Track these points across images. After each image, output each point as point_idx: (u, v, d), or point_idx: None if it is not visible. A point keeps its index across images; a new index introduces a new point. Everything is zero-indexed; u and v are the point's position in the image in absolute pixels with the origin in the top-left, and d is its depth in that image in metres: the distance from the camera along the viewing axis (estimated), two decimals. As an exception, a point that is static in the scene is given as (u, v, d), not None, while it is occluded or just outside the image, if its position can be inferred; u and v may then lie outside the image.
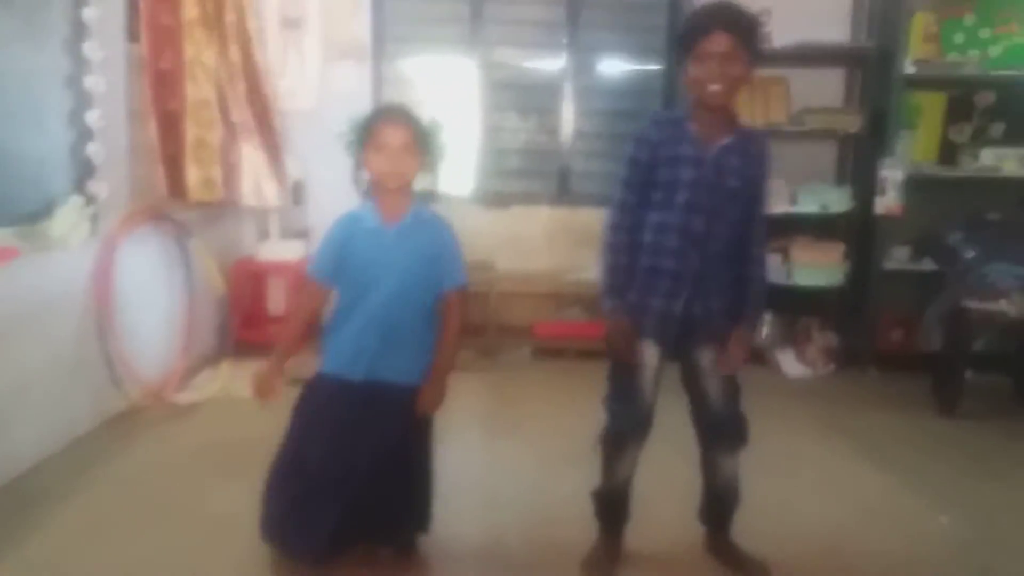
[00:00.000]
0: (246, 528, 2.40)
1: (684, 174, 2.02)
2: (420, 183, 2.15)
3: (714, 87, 1.96)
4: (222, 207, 4.19)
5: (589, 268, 4.72)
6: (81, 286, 3.14)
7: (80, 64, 2.98)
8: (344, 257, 2.08)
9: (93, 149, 3.06)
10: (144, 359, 3.55)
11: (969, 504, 2.80)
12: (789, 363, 4.40)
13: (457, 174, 4.90)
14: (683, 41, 2.02)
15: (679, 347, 2.14)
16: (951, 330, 3.90)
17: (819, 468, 3.09)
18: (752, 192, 2.08)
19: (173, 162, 3.78)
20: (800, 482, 2.81)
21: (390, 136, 2.01)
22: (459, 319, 2.17)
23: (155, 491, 2.75)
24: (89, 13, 2.98)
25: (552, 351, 4.59)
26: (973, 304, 3.70)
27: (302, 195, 4.52)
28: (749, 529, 2.33)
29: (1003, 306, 3.63)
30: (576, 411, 3.55)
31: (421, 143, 2.06)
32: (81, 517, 2.54)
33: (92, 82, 3.03)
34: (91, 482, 2.77)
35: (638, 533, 2.35)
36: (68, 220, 2.94)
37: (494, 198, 4.90)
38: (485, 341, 4.54)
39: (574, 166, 4.95)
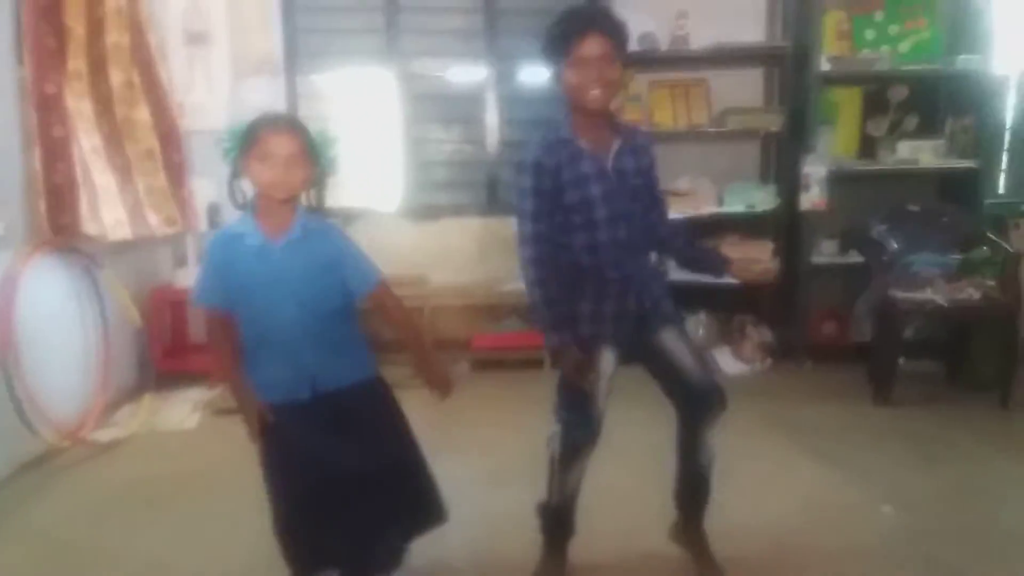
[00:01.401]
0: (180, 571, 2.30)
1: (593, 191, 2.02)
2: (308, 198, 2.03)
3: (595, 92, 1.95)
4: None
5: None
6: (-20, 326, 2.92)
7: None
8: (229, 279, 1.94)
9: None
10: (59, 398, 3.34)
11: (910, 493, 2.82)
12: (726, 361, 4.41)
13: (382, 189, 4.80)
14: (555, 45, 1.97)
15: (636, 343, 2.12)
16: (881, 320, 3.97)
17: (760, 465, 3.07)
18: (650, 180, 2.15)
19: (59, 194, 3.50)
20: (742, 479, 2.76)
21: (277, 145, 1.87)
22: (399, 308, 2.08)
23: (78, 539, 2.57)
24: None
25: (491, 363, 4.51)
26: (900, 294, 3.76)
27: (218, 217, 4.33)
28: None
29: (929, 294, 3.70)
30: (516, 423, 3.54)
31: (310, 153, 1.94)
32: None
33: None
34: (8, 534, 2.59)
35: (582, 546, 2.29)
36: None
37: (422, 211, 4.80)
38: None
39: (502, 176, 4.87)
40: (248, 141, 1.90)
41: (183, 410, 3.83)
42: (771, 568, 2.33)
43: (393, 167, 4.81)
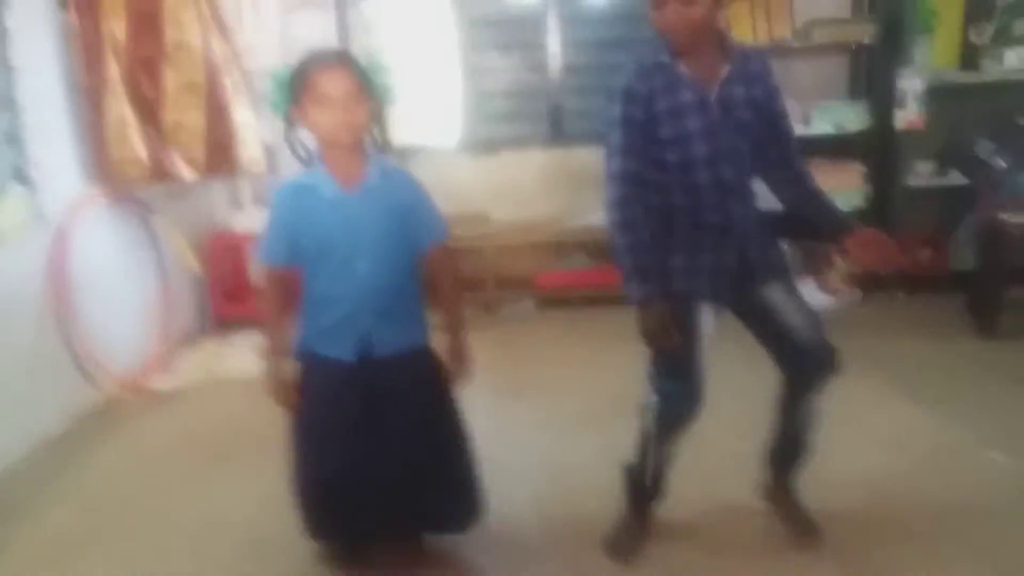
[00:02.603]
0: (239, 529, 2.24)
1: (692, 124, 1.75)
2: (372, 137, 1.84)
3: (678, 35, 1.69)
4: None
5: (589, 212, 4.42)
6: (34, 279, 2.86)
7: (2, 38, 2.67)
8: (300, 234, 1.77)
9: (30, 133, 2.77)
10: (117, 348, 3.29)
11: (1018, 436, 2.54)
12: (811, 294, 4.10)
13: (440, 123, 4.57)
14: None
15: (738, 299, 1.88)
16: (987, 247, 3.60)
17: (857, 408, 2.81)
18: (768, 114, 1.82)
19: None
20: (835, 424, 2.51)
21: (331, 85, 1.68)
22: (451, 273, 1.94)
23: (135, 496, 2.51)
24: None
25: (556, 301, 4.33)
26: (1010, 217, 3.39)
27: (274, 158, 4.19)
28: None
29: (1043, 217, 3.32)
30: (584, 366, 3.38)
31: (367, 87, 1.73)
32: (53, 532, 2.30)
33: (19, 59, 2.72)
34: (62, 491, 2.54)
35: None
36: (10, 212, 2.65)
37: (482, 145, 4.57)
38: (485, 296, 4.28)
39: (565, 104, 4.59)
40: (298, 86, 1.71)
41: (245, 357, 3.76)
42: (870, 523, 2.11)
43: (451, 99, 4.57)
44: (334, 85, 1.68)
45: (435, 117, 4.57)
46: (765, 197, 1.93)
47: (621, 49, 4.51)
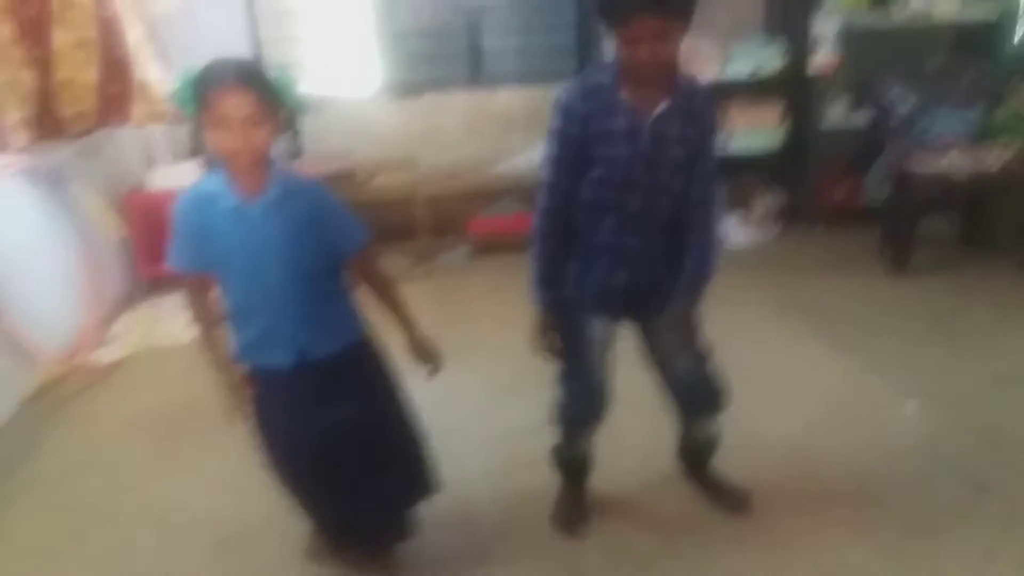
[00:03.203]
0: (205, 517, 2.27)
1: (619, 150, 1.76)
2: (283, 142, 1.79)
3: (648, 71, 1.68)
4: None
5: (518, 155, 4.44)
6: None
7: None
8: (205, 243, 1.74)
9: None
10: (49, 324, 3.20)
11: (934, 382, 2.77)
12: (734, 230, 4.29)
13: (357, 68, 4.44)
14: (607, 17, 1.67)
15: (632, 315, 1.98)
16: (895, 190, 3.82)
17: (776, 358, 3.02)
18: (698, 153, 1.82)
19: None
20: (757, 376, 2.69)
21: (229, 108, 1.60)
22: (382, 276, 1.93)
23: (90, 488, 2.50)
24: None
25: (490, 247, 4.36)
26: (917, 167, 3.59)
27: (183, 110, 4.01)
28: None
29: (947, 165, 3.53)
30: (523, 317, 3.44)
31: (270, 108, 1.66)
32: (22, 530, 2.30)
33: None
34: (22, 484, 2.51)
35: (607, 462, 2.23)
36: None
37: (402, 88, 4.48)
38: (418, 245, 4.29)
39: (485, 44, 4.52)
40: (199, 101, 1.63)
41: (179, 321, 3.70)
42: (793, 484, 2.28)
43: (366, 42, 4.43)
44: (232, 108, 1.60)
45: (351, 62, 4.44)
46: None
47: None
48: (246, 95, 1.60)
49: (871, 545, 2.02)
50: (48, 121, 3.39)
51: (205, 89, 1.61)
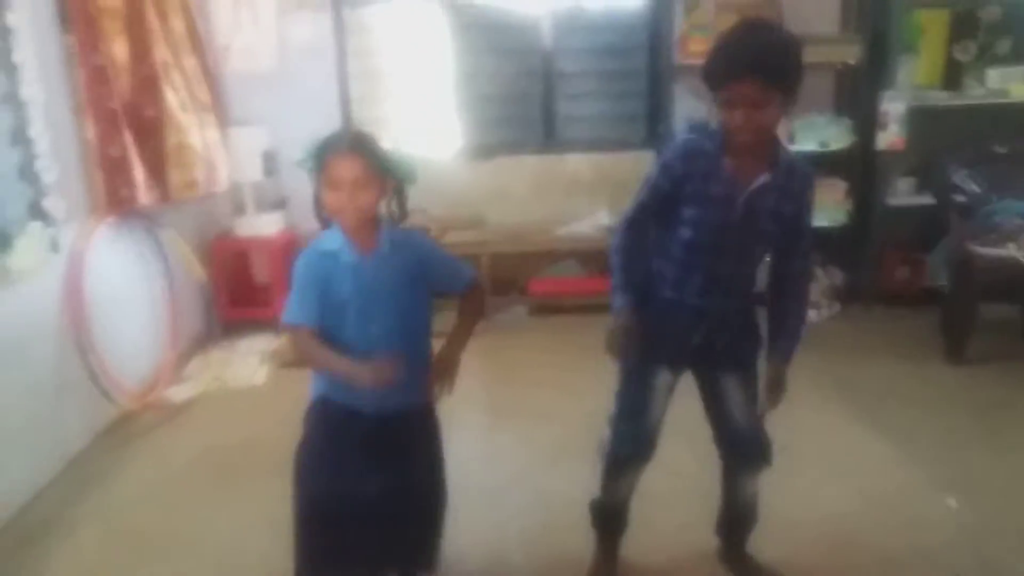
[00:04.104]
0: (258, 560, 2.37)
1: (712, 216, 1.86)
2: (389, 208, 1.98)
3: (743, 137, 1.77)
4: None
5: (582, 219, 4.57)
6: (52, 306, 3.00)
7: (11, 74, 2.74)
8: (325, 296, 1.91)
9: (43, 166, 2.86)
10: (131, 362, 3.46)
11: (976, 481, 2.74)
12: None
13: (439, 131, 4.67)
14: (708, 80, 1.79)
15: (699, 368, 2.06)
16: (958, 274, 3.78)
17: (820, 441, 3.01)
18: (791, 227, 1.91)
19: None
20: (800, 458, 2.71)
21: (341, 172, 1.82)
22: (481, 305, 2.11)
23: (152, 520, 2.68)
24: (13, 17, 2.71)
25: (548, 308, 4.49)
26: (980, 249, 3.57)
27: (274, 163, 4.30)
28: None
29: (1011, 251, 3.49)
30: (575, 382, 3.52)
31: (379, 172, 1.87)
32: (85, 556, 2.48)
33: (28, 93, 2.80)
34: (90, 512, 2.71)
35: (633, 540, 2.29)
36: (29, 249, 2.78)
37: (477, 150, 4.69)
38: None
39: (559, 109, 4.70)
40: (316, 166, 1.87)
41: (251, 363, 3.94)
42: (830, 570, 2.31)
43: (447, 105, 4.66)
44: (344, 172, 1.82)
45: (433, 125, 4.67)
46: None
47: (614, 55, 4.62)
48: (356, 161, 1.83)
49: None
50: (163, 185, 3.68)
51: (322, 154, 1.85)
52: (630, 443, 2.08)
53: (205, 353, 4.05)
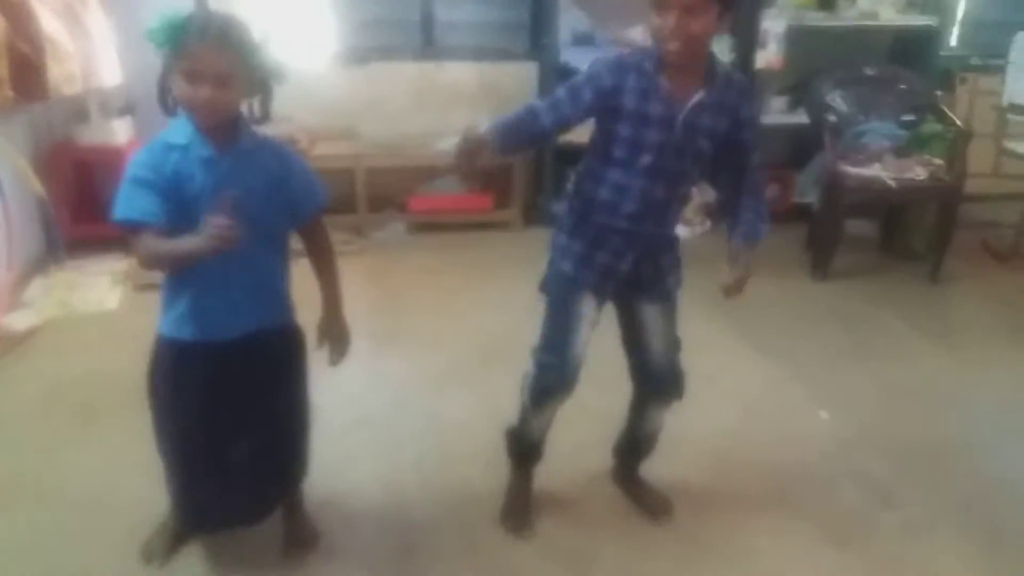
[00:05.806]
0: (124, 503, 2.19)
1: (651, 136, 1.77)
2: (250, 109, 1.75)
3: (672, 45, 1.66)
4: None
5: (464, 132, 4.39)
6: None
7: None
8: (169, 193, 1.66)
9: None
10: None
11: (845, 393, 2.89)
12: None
13: (303, 28, 4.31)
14: None
15: (622, 297, 2.01)
16: (826, 192, 3.92)
17: (703, 359, 3.03)
18: (727, 142, 1.83)
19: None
20: (689, 378, 2.78)
21: (205, 63, 1.58)
22: (330, 244, 1.93)
23: (7, 459, 2.41)
24: None
25: (428, 226, 4.34)
26: (849, 169, 3.70)
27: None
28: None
29: (877, 171, 3.64)
30: (460, 304, 3.44)
31: (244, 68, 1.63)
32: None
33: None
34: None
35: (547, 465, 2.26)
36: None
37: (350, 54, 4.38)
38: (355, 218, 4.23)
39: (438, 15, 4.44)
40: (174, 46, 1.59)
41: (101, 286, 3.60)
42: (711, 491, 2.35)
43: (316, 2, 4.30)
44: (207, 64, 1.57)
45: (301, 24, 4.30)
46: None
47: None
48: (224, 53, 1.59)
49: (786, 554, 2.11)
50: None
51: (183, 39, 1.58)
52: (554, 374, 2.01)
53: (47, 275, 3.65)
